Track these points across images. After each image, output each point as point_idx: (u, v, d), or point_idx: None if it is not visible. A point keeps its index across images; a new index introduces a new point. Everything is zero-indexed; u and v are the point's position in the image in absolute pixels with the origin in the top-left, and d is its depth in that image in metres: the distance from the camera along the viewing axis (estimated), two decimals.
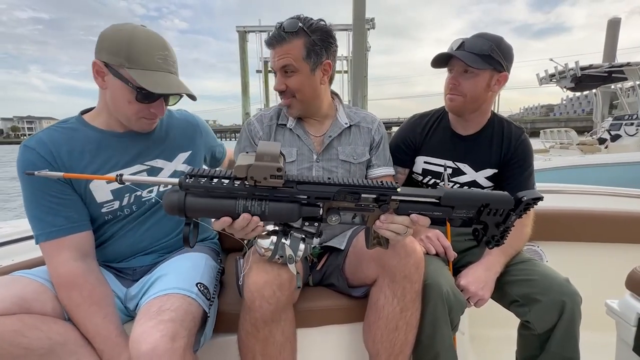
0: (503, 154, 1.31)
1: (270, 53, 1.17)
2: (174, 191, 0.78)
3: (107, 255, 1.09)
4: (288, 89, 1.17)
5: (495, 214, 0.88)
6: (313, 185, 0.82)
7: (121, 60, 0.92)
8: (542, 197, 0.87)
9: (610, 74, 7.66)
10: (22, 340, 0.80)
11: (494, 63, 1.19)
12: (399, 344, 1.07)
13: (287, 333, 1.02)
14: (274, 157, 0.76)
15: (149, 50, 0.94)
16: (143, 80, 0.92)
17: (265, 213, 0.80)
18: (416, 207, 0.87)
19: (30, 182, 0.95)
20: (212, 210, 0.79)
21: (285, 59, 1.13)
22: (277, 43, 1.13)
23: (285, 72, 1.16)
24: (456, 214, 0.88)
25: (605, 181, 2.24)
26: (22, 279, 0.92)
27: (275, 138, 1.27)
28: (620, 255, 1.65)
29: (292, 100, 1.20)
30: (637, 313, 0.99)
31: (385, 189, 0.84)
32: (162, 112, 1.02)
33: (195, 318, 0.91)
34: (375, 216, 0.88)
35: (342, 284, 1.19)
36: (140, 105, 0.98)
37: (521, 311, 1.15)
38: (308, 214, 0.84)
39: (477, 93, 1.23)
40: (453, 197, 0.86)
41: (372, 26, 18.38)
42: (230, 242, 1.50)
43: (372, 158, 1.33)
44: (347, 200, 0.84)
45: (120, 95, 0.96)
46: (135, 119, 1.00)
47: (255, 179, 0.77)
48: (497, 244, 0.93)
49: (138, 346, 0.79)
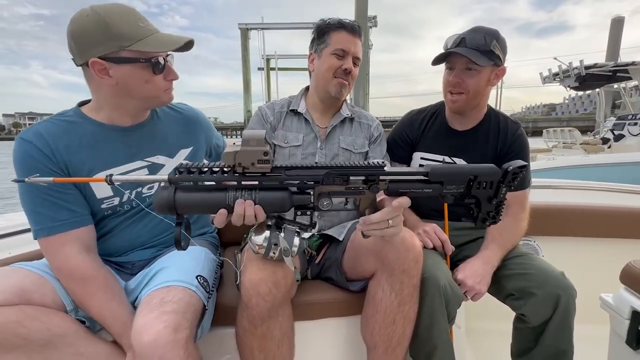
0: (499, 148, 1.32)
1: (347, 37, 1.29)
2: (163, 188, 0.78)
3: (107, 249, 1.09)
4: (352, 74, 1.31)
5: (485, 187, 0.88)
6: (301, 170, 0.82)
7: (117, 44, 0.88)
8: (526, 164, 0.87)
9: (615, 73, 7.58)
10: (22, 330, 0.80)
11: (494, 58, 1.19)
12: (396, 337, 1.08)
13: (285, 328, 1.03)
14: (259, 141, 0.76)
15: (129, 21, 0.90)
16: (150, 47, 0.90)
17: (256, 202, 0.80)
18: (406, 186, 0.86)
19: (27, 175, 0.90)
20: (202, 205, 0.78)
21: (360, 52, 1.33)
22: (357, 34, 1.31)
23: (354, 60, 1.30)
24: (447, 190, 0.87)
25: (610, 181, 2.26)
26: (21, 270, 0.92)
27: (284, 123, 1.35)
28: (615, 249, 1.67)
29: (348, 85, 1.33)
30: (630, 307, 1.01)
31: (372, 168, 0.84)
32: (176, 75, 1.01)
33: (196, 310, 0.92)
34: (367, 200, 0.87)
35: (340, 277, 1.20)
36: (158, 79, 0.96)
37: (517, 304, 1.16)
38: (299, 202, 0.84)
39: (480, 89, 1.23)
40: (440, 172, 0.86)
41: (374, 24, 18.31)
42: (229, 236, 1.51)
43: (369, 151, 1.38)
44: (337, 184, 0.84)
45: (135, 78, 0.93)
46: (161, 94, 0.99)
47: (243, 165, 0.76)
48: (493, 221, 0.92)
49: (140, 337, 0.79)
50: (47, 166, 0.93)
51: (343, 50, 1.27)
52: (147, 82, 0.94)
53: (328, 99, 1.34)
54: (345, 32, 1.28)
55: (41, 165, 0.93)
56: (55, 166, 0.95)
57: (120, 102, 0.99)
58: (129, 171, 1.04)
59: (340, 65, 1.27)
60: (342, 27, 1.28)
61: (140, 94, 0.97)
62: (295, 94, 1.42)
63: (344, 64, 1.27)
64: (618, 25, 15.56)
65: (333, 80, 1.29)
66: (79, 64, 0.93)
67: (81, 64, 0.93)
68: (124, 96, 0.97)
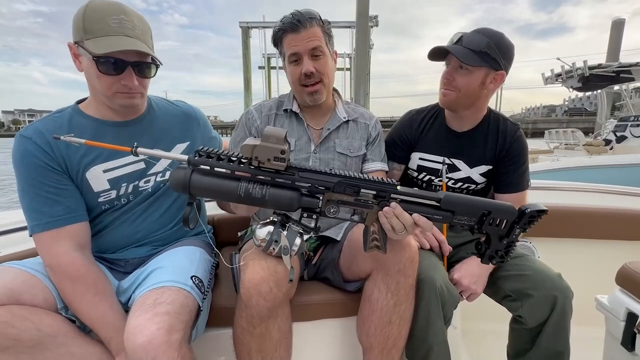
0: (498, 150, 1.31)
1: (292, 38, 1.17)
2: (181, 168, 0.81)
3: (101, 246, 1.08)
4: (317, 73, 1.19)
5: (498, 225, 0.87)
6: (314, 174, 0.84)
7: (81, 34, 0.91)
8: (546, 210, 0.85)
9: (618, 74, 7.56)
10: (10, 331, 0.79)
11: (489, 61, 1.16)
12: (392, 338, 1.08)
13: (284, 329, 1.02)
14: (279, 139, 0.78)
15: (103, 17, 0.91)
16: (94, 46, 0.89)
17: (265, 197, 0.81)
18: (416, 209, 0.86)
19: (27, 172, 0.94)
20: (214, 190, 0.80)
21: (315, 41, 1.17)
22: (302, 27, 1.15)
23: (314, 56, 1.18)
24: (457, 220, 0.87)
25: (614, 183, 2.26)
26: (11, 269, 0.91)
27: (275, 126, 1.28)
28: (611, 251, 1.68)
29: (319, 86, 1.21)
30: (625, 308, 1.01)
31: (385, 184, 0.85)
32: (133, 83, 0.96)
33: (191, 311, 0.91)
34: (374, 215, 0.88)
35: (336, 278, 1.20)
36: (108, 79, 0.94)
37: (513, 306, 1.16)
38: (307, 204, 0.85)
39: (471, 90, 1.21)
40: (453, 202, 0.85)
41: (375, 24, 18.29)
42: (224, 236, 1.51)
43: (367, 152, 1.35)
44: (347, 194, 0.85)
45: (90, 71, 0.94)
46: (111, 94, 0.97)
47: (259, 159, 0.79)
48: (501, 260, 0.90)
49: (133, 339, 0.79)
50: (46, 162, 0.95)
51: (294, 54, 1.18)
52: (97, 78, 0.95)
53: (312, 107, 1.28)
54: (290, 33, 1.17)
55: (40, 161, 0.94)
56: (54, 162, 0.96)
57: (97, 95, 1.00)
58: (126, 164, 1.05)
59: (300, 72, 1.18)
60: (285, 30, 1.17)
61: (95, 89, 0.98)
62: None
63: (302, 68, 1.18)
64: (619, 27, 15.58)
65: (303, 90, 1.22)
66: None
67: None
68: (92, 87, 0.99)
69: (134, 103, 1.01)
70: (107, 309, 0.92)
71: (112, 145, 0.83)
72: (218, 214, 1.57)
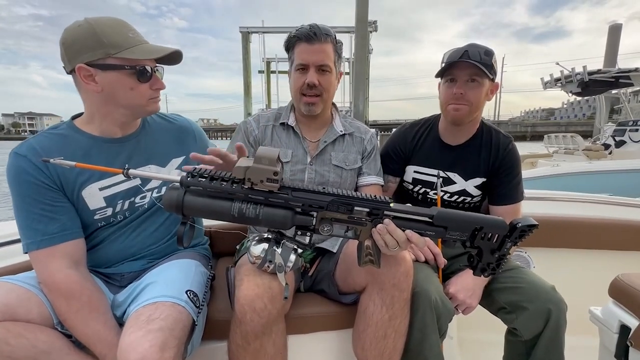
0: (491, 162, 1.33)
1: (304, 48, 1.20)
2: (174, 188, 0.80)
3: (96, 260, 1.08)
4: (319, 87, 1.22)
5: (490, 239, 0.88)
6: (307, 193, 0.84)
7: (103, 51, 0.91)
8: (537, 224, 0.86)
9: (618, 79, 7.52)
10: (5, 348, 0.79)
11: (492, 73, 1.22)
12: (387, 352, 1.08)
13: (278, 345, 1.02)
14: (271, 161, 0.78)
15: (119, 31, 0.93)
16: (138, 54, 0.92)
17: (259, 217, 0.81)
18: (409, 225, 0.87)
19: (21, 190, 0.93)
20: (208, 210, 0.80)
21: (325, 58, 1.20)
22: (317, 40, 1.19)
23: (321, 70, 1.21)
24: (449, 235, 0.88)
25: (615, 189, 2.26)
26: (5, 284, 0.90)
27: (272, 138, 1.30)
28: (605, 261, 1.69)
29: (318, 99, 1.24)
30: (618, 321, 1.01)
31: (378, 202, 0.86)
32: (163, 84, 1.02)
33: (185, 326, 0.90)
34: (367, 231, 0.88)
35: (332, 290, 1.20)
36: (143, 87, 0.97)
37: (508, 318, 1.17)
38: (301, 222, 0.85)
39: (480, 102, 1.25)
40: (446, 218, 0.86)
41: (374, 29, 18.37)
42: (220, 248, 1.51)
43: (363, 166, 1.36)
44: (340, 212, 0.85)
45: (120, 85, 0.95)
46: (146, 102, 1.00)
47: (252, 181, 0.79)
48: (492, 273, 0.92)
49: (127, 356, 0.78)
50: (41, 180, 0.94)
51: (302, 64, 1.21)
52: (132, 90, 0.96)
53: (308, 116, 1.29)
54: (303, 43, 1.19)
55: (35, 179, 0.94)
56: (49, 180, 0.95)
57: (107, 110, 1.00)
58: (121, 182, 1.05)
59: (303, 81, 1.21)
60: (299, 38, 1.20)
61: (125, 101, 0.98)
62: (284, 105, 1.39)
63: (306, 78, 1.20)
64: (616, 31, 15.67)
65: (301, 99, 1.24)
66: (68, 71, 0.95)
67: (70, 71, 0.95)
68: (110, 104, 0.98)
69: (159, 106, 1.06)
70: (101, 325, 0.92)
71: (103, 167, 0.83)
72: (214, 224, 1.58)
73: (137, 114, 1.04)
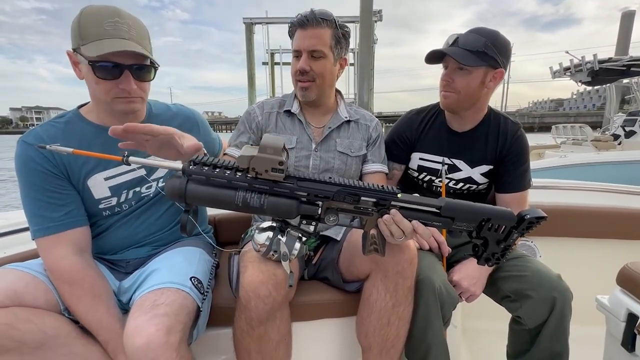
0: (499, 150, 1.30)
1: (299, 34, 1.20)
2: (176, 177, 0.79)
3: (102, 247, 1.09)
4: (311, 72, 1.20)
5: (497, 230, 0.87)
6: (313, 183, 0.82)
7: (77, 41, 0.90)
8: (546, 216, 0.85)
9: (629, 68, 7.30)
10: (14, 333, 0.80)
11: (488, 59, 1.16)
12: (391, 338, 1.08)
13: (283, 331, 1.03)
14: (276, 150, 0.76)
15: (97, 21, 0.90)
16: (89, 51, 0.89)
17: (264, 207, 0.80)
18: (415, 216, 0.86)
19: (29, 177, 0.94)
20: (211, 199, 0.79)
21: (317, 43, 1.18)
22: (309, 25, 1.17)
23: (313, 56, 1.19)
24: (456, 226, 0.87)
25: (623, 181, 2.21)
26: (13, 271, 0.92)
27: (276, 124, 1.30)
28: (612, 250, 1.67)
29: (311, 85, 1.23)
30: (626, 309, 1.00)
31: (385, 192, 0.84)
32: (131, 87, 0.94)
33: (190, 312, 0.91)
34: (373, 221, 0.88)
35: (336, 278, 1.20)
36: (106, 84, 0.93)
37: (513, 306, 1.16)
38: (306, 212, 0.84)
39: (471, 90, 1.21)
40: (453, 208, 0.85)
41: (379, 18, 18.13)
42: (225, 236, 1.52)
43: (367, 153, 1.35)
44: (347, 202, 0.84)
45: (89, 77, 0.93)
46: (110, 99, 0.95)
47: (256, 170, 0.77)
48: (497, 262, 0.91)
49: (132, 340, 0.79)
50: (47, 168, 0.96)
51: (296, 50, 1.21)
52: (96, 84, 0.94)
53: (309, 103, 1.29)
54: (299, 29, 1.20)
55: (42, 167, 0.95)
56: (56, 168, 0.97)
57: (96, 100, 1.00)
58: (127, 171, 1.06)
59: (296, 67, 1.21)
60: (295, 25, 1.20)
61: (95, 95, 0.97)
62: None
63: (299, 64, 1.20)
64: (629, 19, 15.27)
65: (297, 84, 1.25)
66: None
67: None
68: (92, 93, 0.98)
69: (134, 108, 1.00)
70: (103, 312, 0.93)
71: (102, 155, 0.81)
72: (219, 213, 1.58)
73: (112, 109, 0.99)
